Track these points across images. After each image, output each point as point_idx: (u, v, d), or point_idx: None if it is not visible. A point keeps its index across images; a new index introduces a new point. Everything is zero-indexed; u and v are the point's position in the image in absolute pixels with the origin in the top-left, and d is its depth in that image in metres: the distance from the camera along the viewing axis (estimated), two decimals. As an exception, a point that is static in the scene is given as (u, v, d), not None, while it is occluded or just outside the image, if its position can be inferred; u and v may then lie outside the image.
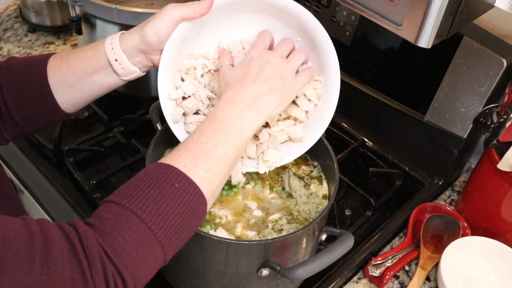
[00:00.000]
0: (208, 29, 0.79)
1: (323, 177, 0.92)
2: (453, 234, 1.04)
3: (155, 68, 0.80)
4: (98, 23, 1.17)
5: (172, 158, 0.63)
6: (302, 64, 0.79)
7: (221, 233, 0.81)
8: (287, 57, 0.76)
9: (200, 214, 0.63)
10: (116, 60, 0.75)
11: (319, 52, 0.79)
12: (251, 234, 0.81)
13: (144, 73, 0.80)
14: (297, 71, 0.77)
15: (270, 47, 0.79)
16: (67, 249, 0.53)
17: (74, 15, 1.18)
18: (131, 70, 0.77)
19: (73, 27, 1.20)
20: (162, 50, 0.76)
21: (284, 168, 0.92)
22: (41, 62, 0.77)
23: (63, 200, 1.06)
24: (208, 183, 0.63)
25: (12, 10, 1.60)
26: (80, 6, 1.15)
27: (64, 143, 1.17)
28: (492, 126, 0.99)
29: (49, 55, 0.78)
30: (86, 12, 1.17)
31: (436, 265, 1.00)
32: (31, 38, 1.50)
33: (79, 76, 0.76)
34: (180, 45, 0.77)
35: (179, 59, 0.79)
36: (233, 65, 0.78)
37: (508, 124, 0.95)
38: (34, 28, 1.51)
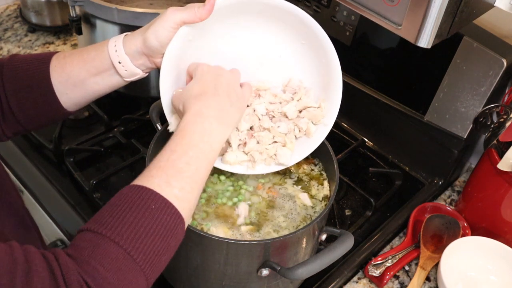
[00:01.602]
0: (211, 30, 0.79)
1: (324, 175, 0.92)
2: (453, 234, 1.04)
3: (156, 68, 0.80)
4: (98, 23, 1.17)
5: (145, 179, 0.62)
6: None
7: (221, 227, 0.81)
8: None
9: (178, 234, 0.61)
10: (119, 63, 0.75)
11: (322, 57, 0.79)
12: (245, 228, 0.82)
13: (147, 74, 0.80)
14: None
15: None
16: (49, 280, 0.52)
17: (74, 15, 1.18)
18: (134, 72, 0.77)
19: (73, 27, 1.20)
20: (164, 53, 0.76)
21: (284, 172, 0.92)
22: (44, 61, 0.77)
23: (63, 200, 1.06)
24: (183, 202, 0.62)
25: (12, 10, 1.60)
26: (80, 6, 1.15)
27: (64, 143, 1.17)
28: (492, 126, 0.99)
29: (52, 54, 0.78)
30: (86, 12, 1.17)
31: (436, 265, 1.00)
32: (31, 38, 1.50)
33: (82, 76, 0.77)
34: (182, 49, 0.77)
35: (183, 62, 0.79)
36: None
37: (508, 124, 0.95)
38: (34, 28, 1.51)
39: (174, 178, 0.62)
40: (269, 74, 0.85)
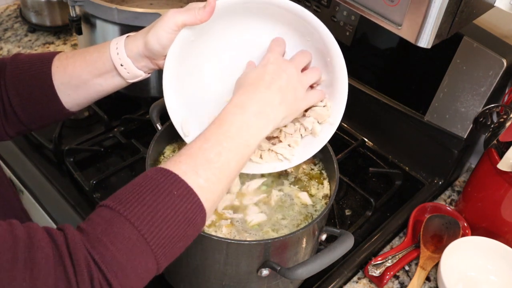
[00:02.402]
0: (213, 30, 0.79)
1: (324, 174, 0.92)
2: (453, 234, 1.04)
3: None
4: (98, 23, 1.17)
5: (173, 163, 0.61)
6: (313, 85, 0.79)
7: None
8: (302, 71, 0.76)
9: (198, 224, 0.61)
10: (121, 65, 0.75)
11: (326, 56, 0.78)
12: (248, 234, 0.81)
13: (149, 75, 0.80)
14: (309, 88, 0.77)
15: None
16: (53, 255, 0.51)
17: (74, 15, 1.18)
18: (137, 74, 0.77)
19: (73, 27, 1.20)
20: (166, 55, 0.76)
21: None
22: (46, 61, 0.77)
23: (63, 200, 1.06)
24: (208, 193, 0.61)
25: (12, 10, 1.60)
26: (80, 6, 1.15)
27: (64, 143, 1.17)
28: (492, 126, 0.99)
29: (54, 54, 0.78)
30: (86, 12, 1.17)
31: (436, 265, 1.00)
32: (31, 38, 1.50)
33: (85, 78, 0.77)
34: (184, 50, 0.77)
35: (186, 63, 0.79)
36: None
37: (508, 124, 0.95)
38: (34, 28, 1.51)
39: (202, 167, 0.61)
40: None
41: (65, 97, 0.77)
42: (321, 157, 0.93)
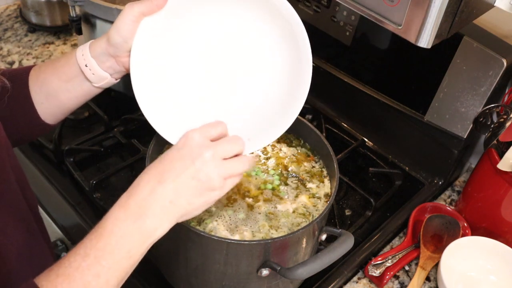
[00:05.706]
0: (180, 19, 0.74)
1: (325, 172, 0.92)
2: (453, 234, 1.04)
3: None
4: (98, 23, 1.17)
5: (51, 285, 0.57)
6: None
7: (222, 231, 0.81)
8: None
9: None
10: (86, 66, 0.75)
11: (289, 29, 0.73)
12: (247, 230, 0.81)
13: (118, 80, 0.79)
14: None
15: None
16: None
17: (74, 15, 1.18)
18: (102, 76, 0.77)
19: (73, 27, 1.20)
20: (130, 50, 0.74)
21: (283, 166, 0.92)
22: (25, 71, 0.79)
23: (63, 200, 1.06)
24: None
25: (12, 10, 1.60)
26: (80, 6, 1.15)
27: (64, 143, 1.17)
28: (492, 126, 0.99)
29: (33, 66, 0.80)
30: (86, 12, 1.17)
31: (436, 265, 1.00)
32: (31, 38, 1.50)
33: (54, 84, 0.78)
34: (150, 42, 0.73)
35: (155, 57, 0.75)
36: None
37: (508, 124, 0.95)
38: (34, 28, 1.51)
39: None
40: (248, 54, 0.78)
41: (39, 106, 0.79)
42: (322, 155, 0.93)
